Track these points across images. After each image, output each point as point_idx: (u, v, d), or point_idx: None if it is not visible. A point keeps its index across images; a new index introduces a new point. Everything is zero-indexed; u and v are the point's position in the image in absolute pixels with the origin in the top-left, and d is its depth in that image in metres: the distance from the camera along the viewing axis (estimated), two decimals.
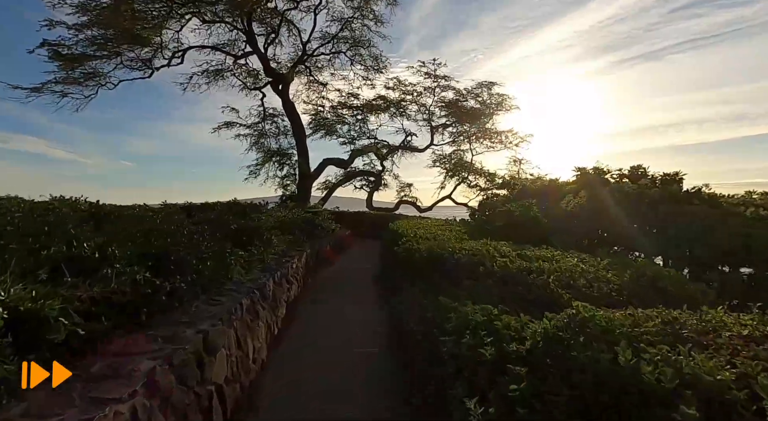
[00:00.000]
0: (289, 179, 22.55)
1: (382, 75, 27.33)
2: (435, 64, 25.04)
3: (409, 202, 24.38)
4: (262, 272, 5.38)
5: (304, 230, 9.54)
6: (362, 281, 8.42)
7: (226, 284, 4.50)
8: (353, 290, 7.63)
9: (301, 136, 22.49)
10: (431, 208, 24.36)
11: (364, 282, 8.33)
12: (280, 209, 14.03)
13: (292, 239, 8.16)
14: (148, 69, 17.12)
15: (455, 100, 24.13)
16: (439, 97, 25.41)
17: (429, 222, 10.28)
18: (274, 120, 27.37)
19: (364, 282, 8.33)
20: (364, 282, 8.33)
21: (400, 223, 9.55)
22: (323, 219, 13.16)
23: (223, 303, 3.88)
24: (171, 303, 3.41)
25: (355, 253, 12.30)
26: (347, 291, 7.46)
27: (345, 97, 25.96)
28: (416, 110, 26.09)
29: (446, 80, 24.92)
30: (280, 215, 11.09)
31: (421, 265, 4.86)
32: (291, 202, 18.85)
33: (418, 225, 9.06)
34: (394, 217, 15.25)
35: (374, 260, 10.24)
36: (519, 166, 23.50)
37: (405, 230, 7.86)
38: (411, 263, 5.19)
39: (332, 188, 23.59)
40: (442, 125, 25.60)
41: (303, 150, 22.14)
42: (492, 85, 24.88)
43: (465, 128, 24.05)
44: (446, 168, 24.06)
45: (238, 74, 26.15)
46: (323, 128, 25.60)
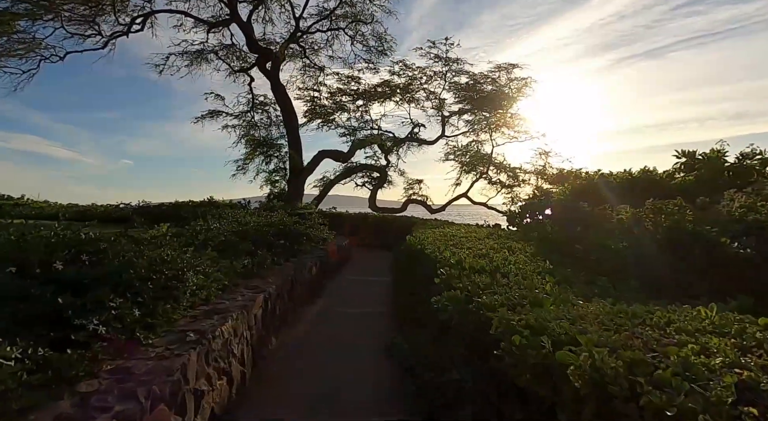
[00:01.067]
0: (278, 175, 19.30)
1: (387, 58, 23.97)
2: (447, 44, 21.68)
3: (419, 201, 21.10)
4: None
5: (276, 245, 6.28)
6: (364, 362, 4.07)
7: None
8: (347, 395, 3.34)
9: (293, 125, 19.24)
10: (444, 209, 21.08)
11: (369, 366, 3.97)
12: (260, 211, 10.78)
13: (250, 265, 4.92)
14: (97, 34, 13.90)
15: (472, 84, 20.82)
16: (450, 82, 22.11)
17: (464, 231, 7.03)
18: (264, 109, 24.20)
19: (369, 366, 3.97)
20: (369, 366, 3.97)
21: (424, 235, 6.26)
22: (312, 225, 9.92)
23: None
24: None
25: (354, 278, 8.66)
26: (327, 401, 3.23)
27: (345, 81, 22.72)
28: (425, 97, 22.82)
29: (458, 64, 21.58)
30: (250, 221, 7.86)
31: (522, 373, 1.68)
32: (278, 202, 15.64)
33: (453, 238, 5.82)
34: (405, 224, 11.94)
35: (382, 294, 6.86)
36: (546, 159, 20.18)
37: (440, 251, 4.61)
38: (482, 348, 2.01)
39: (329, 185, 20.34)
40: (456, 113, 22.29)
41: (295, 141, 18.90)
42: (512, 67, 21.55)
43: (484, 115, 20.73)
44: (462, 162, 20.76)
45: (222, 55, 23.12)
46: (319, 117, 22.35)
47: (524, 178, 19.68)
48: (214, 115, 23.71)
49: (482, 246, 5.04)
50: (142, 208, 13.64)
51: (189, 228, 6.02)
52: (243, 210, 9.86)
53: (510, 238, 6.10)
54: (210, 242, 5.30)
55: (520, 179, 19.71)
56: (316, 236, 8.80)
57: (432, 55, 21.70)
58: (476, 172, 20.38)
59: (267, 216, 9.31)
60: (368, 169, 21.58)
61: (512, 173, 20.38)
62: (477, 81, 21.09)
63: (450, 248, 4.77)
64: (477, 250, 4.68)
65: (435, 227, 8.41)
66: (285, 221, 8.23)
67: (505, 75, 21.59)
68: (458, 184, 20.43)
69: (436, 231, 6.81)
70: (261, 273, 4.98)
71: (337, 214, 13.81)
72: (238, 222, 7.58)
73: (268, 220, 8.14)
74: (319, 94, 23.03)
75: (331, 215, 13.60)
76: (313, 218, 10.48)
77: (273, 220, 8.30)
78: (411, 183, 21.23)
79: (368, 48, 23.55)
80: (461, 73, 21.72)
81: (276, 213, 10.60)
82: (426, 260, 4.77)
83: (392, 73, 22.49)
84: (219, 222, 7.23)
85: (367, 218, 13.23)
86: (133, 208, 13.58)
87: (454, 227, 8.11)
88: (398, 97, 22.63)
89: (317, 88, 23.06)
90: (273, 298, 4.38)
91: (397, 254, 7.67)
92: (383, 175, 21.35)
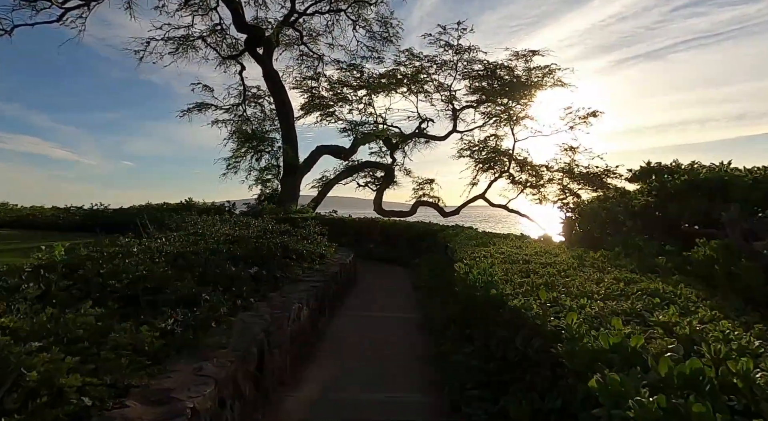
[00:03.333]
0: (271, 173, 16.94)
1: (392, 46, 21.64)
2: (459, 29, 19.31)
3: (430, 203, 18.76)
4: None
5: (243, 278, 3.89)
6: None
7: None
8: None
9: (288, 117, 16.92)
10: (458, 212, 18.73)
11: None
12: (239, 218, 8.43)
13: (177, 330, 2.57)
14: (49, 3, 11.56)
15: (491, 71, 18.48)
16: (463, 72, 19.77)
17: (526, 249, 4.65)
18: (257, 102, 21.88)
19: None
20: None
21: (478, 260, 3.87)
22: (308, 235, 7.57)
23: None
24: None
25: (364, 316, 5.60)
26: None
27: (346, 70, 20.39)
28: (434, 89, 20.49)
29: (471, 52, 19.22)
30: (213, 233, 5.51)
31: None
32: (268, 205, 13.30)
33: (529, 266, 3.46)
34: (420, 231, 9.56)
35: (414, 348, 4.26)
36: (573, 155, 17.80)
37: (541, 305, 2.29)
38: None
39: (328, 185, 17.97)
40: (468, 106, 19.95)
41: (289, 134, 16.57)
42: (533, 54, 19.20)
43: (502, 107, 18.37)
44: (478, 159, 18.39)
45: (211, 42, 20.81)
46: (318, 109, 19.98)
47: (551, 177, 17.31)
48: (202, 108, 21.41)
49: (613, 292, 2.71)
50: (95, 212, 11.31)
51: (99, 250, 3.67)
52: (215, 217, 7.50)
53: (619, 265, 3.75)
54: (117, 281, 2.95)
55: (545, 178, 17.35)
56: (312, 252, 6.44)
57: (442, 43, 19.33)
58: (495, 171, 18.04)
59: (243, 226, 6.96)
60: (372, 168, 19.25)
61: (534, 171, 18.03)
62: (494, 69, 18.76)
63: (552, 293, 2.45)
64: (615, 304, 2.34)
65: (472, 239, 6.06)
66: (265, 235, 5.87)
67: (523, 63, 19.26)
68: (475, 184, 18.07)
69: (490, 252, 4.45)
70: (200, 343, 2.63)
71: (337, 219, 11.45)
72: (196, 235, 5.22)
73: (242, 232, 5.79)
74: (318, 84, 20.73)
75: (330, 221, 11.25)
76: (308, 227, 8.13)
77: (248, 232, 5.95)
78: (421, 183, 18.88)
79: (372, 34, 21.27)
80: (474, 63, 19.42)
81: (259, 220, 8.25)
82: (517, 321, 2.44)
83: (398, 64, 20.17)
84: (166, 236, 4.88)
85: (375, 224, 10.86)
86: (86, 212, 11.26)
87: (500, 241, 5.74)
88: (405, 88, 20.32)
89: (315, 78, 20.76)
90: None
91: (430, 281, 5.32)
92: (389, 175, 19.00)
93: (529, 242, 5.85)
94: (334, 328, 4.97)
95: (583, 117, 17.21)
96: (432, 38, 19.49)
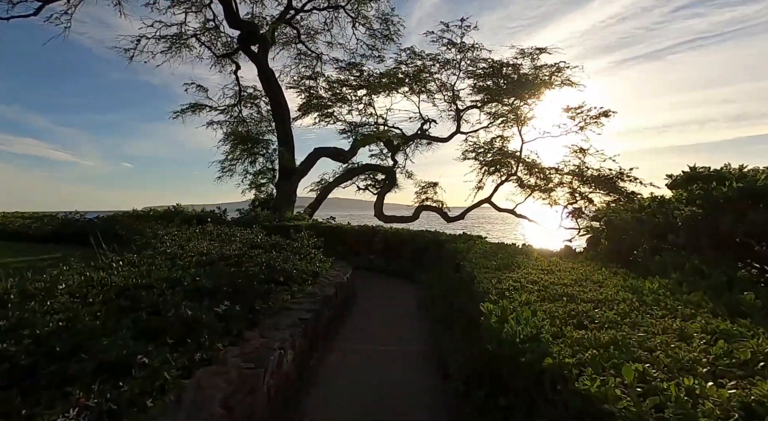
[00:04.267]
0: (266, 177, 16.08)
1: (393, 44, 20.88)
2: (462, 27, 18.51)
3: (433, 208, 17.89)
4: None
5: (205, 323, 3.02)
6: None
7: None
8: None
9: (284, 118, 16.08)
10: (463, 217, 17.87)
11: None
12: (225, 228, 7.59)
13: (98, 407, 1.73)
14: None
15: (495, 70, 17.64)
16: (466, 71, 18.97)
17: (564, 275, 3.78)
18: (254, 102, 21.10)
19: None
20: None
21: (513, 305, 3.04)
22: (301, 248, 6.74)
23: None
24: None
25: (365, 351, 4.58)
26: None
27: (345, 69, 19.59)
28: (436, 89, 19.69)
29: (473, 50, 18.39)
30: (190, 248, 4.67)
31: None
32: (262, 211, 12.45)
33: (582, 317, 2.60)
34: (426, 242, 8.72)
35: (433, 396, 3.42)
36: (583, 157, 16.91)
37: None
38: None
39: (327, 189, 17.10)
40: (472, 106, 19.13)
41: (285, 135, 15.73)
42: (540, 51, 18.35)
43: (510, 106, 17.52)
44: (484, 161, 17.53)
45: (206, 41, 20.03)
46: (316, 110, 19.14)
47: (561, 180, 16.43)
48: (196, 109, 20.69)
49: (720, 358, 1.86)
50: (69, 222, 10.45)
51: (18, 286, 2.82)
52: (196, 229, 6.65)
53: (690, 302, 2.89)
54: (12, 343, 2.09)
55: (556, 181, 16.47)
56: (303, 271, 5.59)
57: (445, 41, 18.52)
58: (501, 174, 17.17)
59: (226, 239, 6.11)
60: (373, 171, 18.41)
61: (542, 174, 17.15)
62: (500, 67, 17.93)
63: (635, 364, 1.60)
64: (743, 392, 1.48)
65: (489, 256, 5.20)
66: (249, 252, 5.02)
67: (530, 62, 18.43)
68: (480, 188, 17.20)
69: (520, 281, 3.58)
70: None
71: (335, 228, 10.57)
72: (164, 255, 4.36)
73: (221, 249, 4.94)
74: (316, 83, 19.92)
75: (327, 229, 10.39)
76: (301, 239, 7.28)
77: (230, 249, 5.10)
78: (424, 187, 18.02)
79: (372, 32, 20.54)
80: (478, 61, 18.60)
81: (248, 231, 7.41)
82: (594, 415, 1.59)
83: (399, 63, 19.36)
84: (125, 256, 4.03)
85: (375, 232, 9.99)
86: (59, 221, 10.42)
87: (524, 260, 4.87)
88: (406, 87, 19.52)
89: (313, 77, 19.95)
90: None
91: (441, 307, 4.45)
92: (391, 178, 18.15)
93: (556, 261, 4.99)
94: (326, 368, 4.10)
95: (594, 117, 16.34)
96: (434, 36, 18.69)
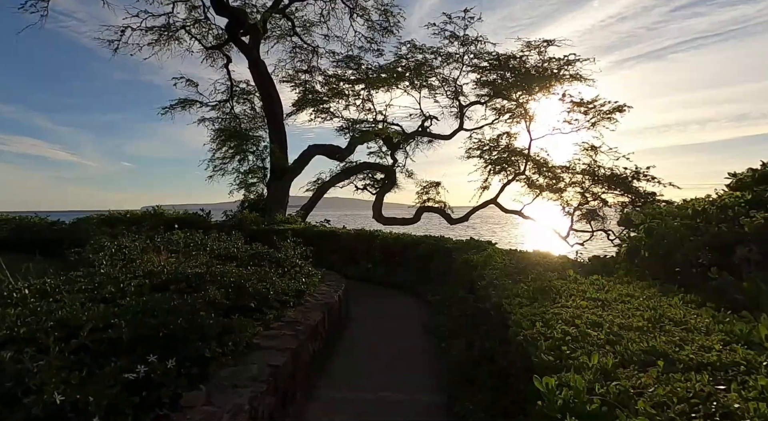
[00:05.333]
0: (256, 176, 15.01)
1: (393, 37, 19.87)
2: (465, 19, 17.43)
3: (435, 209, 16.84)
4: None
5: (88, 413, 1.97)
6: None
7: None
8: None
9: (276, 113, 15.02)
10: (467, 219, 16.84)
11: None
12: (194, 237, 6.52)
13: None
14: None
15: (502, 63, 16.59)
16: (470, 64, 17.92)
17: (591, 299, 2.75)
18: (247, 98, 20.03)
19: None
20: None
21: (556, 336, 2.04)
22: (285, 259, 5.70)
23: None
24: None
25: (360, 401, 3.51)
26: None
27: (342, 62, 18.53)
28: (438, 84, 18.64)
29: (477, 44, 17.30)
30: (137, 266, 3.64)
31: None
32: (250, 213, 11.40)
33: None
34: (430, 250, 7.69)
35: None
36: (594, 155, 15.86)
37: None
38: None
39: (322, 189, 16.03)
40: (477, 102, 18.07)
41: (278, 132, 14.67)
42: (548, 44, 17.28)
43: (516, 101, 16.48)
44: (489, 160, 16.48)
45: (196, 34, 18.98)
46: (311, 105, 18.07)
47: (572, 179, 15.39)
48: (186, 105, 19.59)
49: None
50: (29, 226, 9.39)
51: None
52: (160, 237, 5.60)
53: None
54: None
55: (566, 181, 15.43)
56: (283, 291, 4.55)
57: (447, 34, 17.42)
58: (508, 173, 16.12)
59: (194, 249, 5.08)
60: (371, 169, 17.35)
61: (552, 174, 16.10)
62: (506, 59, 16.89)
63: None
64: None
65: (512, 275, 4.17)
66: (213, 269, 3.97)
67: (536, 55, 17.35)
68: (486, 188, 16.15)
69: (572, 320, 2.55)
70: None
71: (329, 233, 9.51)
72: (99, 277, 3.32)
73: (180, 265, 3.89)
74: (312, 77, 18.87)
75: (320, 234, 9.34)
76: (286, 249, 6.24)
77: (191, 266, 4.06)
78: (426, 187, 16.96)
79: (371, 24, 19.50)
80: (482, 55, 17.53)
81: (224, 238, 6.38)
82: None
83: (399, 57, 18.29)
84: (32, 284, 2.99)
85: (373, 238, 8.95)
86: (16, 224, 9.36)
87: (564, 285, 3.81)
88: (407, 82, 18.46)
89: (309, 71, 18.90)
90: None
91: (459, 346, 3.41)
92: (390, 177, 17.10)
93: (602, 282, 3.95)
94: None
95: (607, 112, 15.29)
96: (436, 28, 17.59)
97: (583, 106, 14.99)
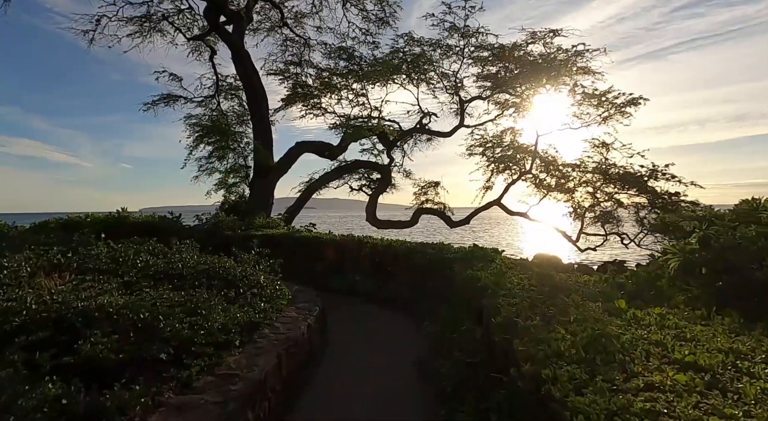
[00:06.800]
0: (238, 175, 13.78)
1: (389, 28, 18.72)
2: (466, 8, 16.15)
3: (434, 211, 15.62)
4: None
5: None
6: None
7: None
8: None
9: (260, 107, 13.80)
10: (468, 221, 15.61)
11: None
12: (133, 247, 5.31)
13: None
14: None
15: (506, 53, 15.38)
16: (471, 57, 16.69)
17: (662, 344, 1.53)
18: (234, 93, 18.84)
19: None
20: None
21: None
22: (242, 278, 4.49)
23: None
24: None
25: None
26: None
27: (335, 53, 17.33)
28: (437, 78, 17.39)
29: (478, 36, 16.04)
30: (30, 295, 2.41)
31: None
32: (227, 216, 10.18)
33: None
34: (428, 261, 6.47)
35: None
36: (606, 152, 14.62)
37: None
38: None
39: (310, 190, 14.77)
40: (479, 97, 16.85)
41: (262, 128, 13.46)
42: (554, 34, 16.05)
43: (521, 96, 15.26)
44: (492, 158, 15.25)
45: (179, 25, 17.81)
46: (302, 99, 16.86)
47: (582, 178, 14.17)
48: (169, 100, 18.39)
49: None
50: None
51: None
52: (84, 249, 4.38)
53: None
54: None
55: (577, 180, 14.21)
56: (223, 327, 3.34)
57: (446, 25, 16.14)
58: (513, 171, 14.90)
59: (124, 266, 3.88)
60: (366, 168, 16.14)
61: (560, 173, 14.87)
62: (510, 49, 15.67)
63: None
64: None
65: (540, 304, 2.99)
66: (87, 320, 2.75)
67: (542, 46, 16.11)
68: (489, 189, 14.92)
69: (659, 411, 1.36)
70: None
71: (312, 239, 8.29)
72: None
73: (44, 308, 2.67)
74: (302, 70, 17.68)
75: (302, 241, 8.12)
76: (246, 263, 5.02)
77: (68, 304, 2.84)
78: (424, 187, 15.74)
79: (365, 14, 18.34)
80: (483, 48, 16.26)
81: (179, 247, 5.18)
82: None
83: (395, 50, 17.05)
84: None
85: (362, 246, 7.73)
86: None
87: (621, 328, 2.62)
88: (404, 75, 17.22)
89: (300, 63, 17.72)
90: None
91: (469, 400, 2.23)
92: (386, 177, 15.87)
93: (675, 322, 2.75)
94: None
95: (620, 106, 14.05)
96: (435, 20, 16.30)
97: (595, 98, 13.74)
